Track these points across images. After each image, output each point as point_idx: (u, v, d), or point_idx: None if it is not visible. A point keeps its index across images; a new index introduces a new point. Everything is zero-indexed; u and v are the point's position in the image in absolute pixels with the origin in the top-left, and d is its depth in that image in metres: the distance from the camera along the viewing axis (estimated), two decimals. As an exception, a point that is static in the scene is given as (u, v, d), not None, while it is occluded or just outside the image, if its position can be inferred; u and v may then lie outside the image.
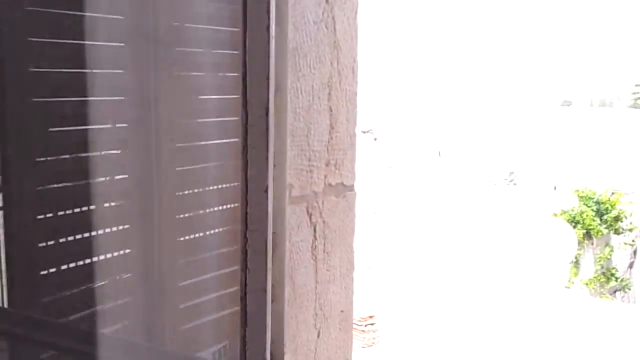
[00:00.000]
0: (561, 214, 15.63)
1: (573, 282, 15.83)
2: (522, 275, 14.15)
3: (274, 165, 1.18)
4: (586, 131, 20.00)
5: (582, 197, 15.91)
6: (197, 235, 2.03)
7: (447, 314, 10.68)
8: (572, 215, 15.55)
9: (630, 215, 16.43)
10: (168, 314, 1.90)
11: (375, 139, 19.99)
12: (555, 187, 19.53)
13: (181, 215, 1.97)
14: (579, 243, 15.22)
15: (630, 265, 17.46)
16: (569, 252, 14.30)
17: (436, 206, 17.80)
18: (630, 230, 16.56)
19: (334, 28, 1.30)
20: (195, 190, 2.00)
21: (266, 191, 1.16)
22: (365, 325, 9.57)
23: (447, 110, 22.27)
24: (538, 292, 12.64)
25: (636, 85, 31.46)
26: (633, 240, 17.13)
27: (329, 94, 1.32)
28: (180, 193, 1.96)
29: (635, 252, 17.55)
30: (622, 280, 16.56)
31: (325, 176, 1.35)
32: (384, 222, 17.27)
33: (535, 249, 14.73)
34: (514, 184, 20.52)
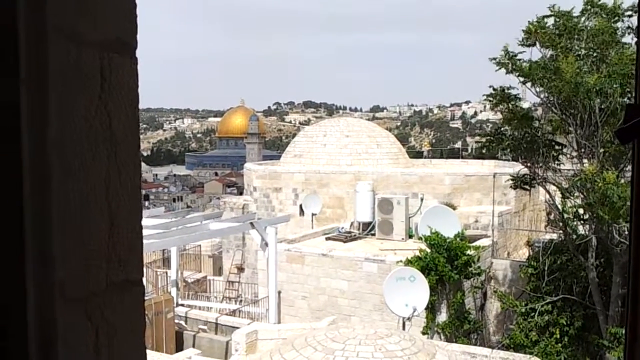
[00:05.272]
0: (415, 261, 16.26)
1: (430, 328, 16.42)
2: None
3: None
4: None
5: (433, 244, 16.68)
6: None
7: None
8: (426, 262, 16.23)
9: (478, 260, 17.43)
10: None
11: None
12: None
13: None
14: (433, 289, 15.87)
15: (481, 308, 18.45)
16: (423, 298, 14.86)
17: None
18: (479, 274, 17.55)
19: (110, 124, 1.27)
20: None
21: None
22: None
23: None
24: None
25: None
26: (482, 284, 18.17)
27: (107, 189, 1.28)
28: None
29: (485, 294, 18.59)
30: (474, 323, 17.44)
31: (107, 274, 1.30)
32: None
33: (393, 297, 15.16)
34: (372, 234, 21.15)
